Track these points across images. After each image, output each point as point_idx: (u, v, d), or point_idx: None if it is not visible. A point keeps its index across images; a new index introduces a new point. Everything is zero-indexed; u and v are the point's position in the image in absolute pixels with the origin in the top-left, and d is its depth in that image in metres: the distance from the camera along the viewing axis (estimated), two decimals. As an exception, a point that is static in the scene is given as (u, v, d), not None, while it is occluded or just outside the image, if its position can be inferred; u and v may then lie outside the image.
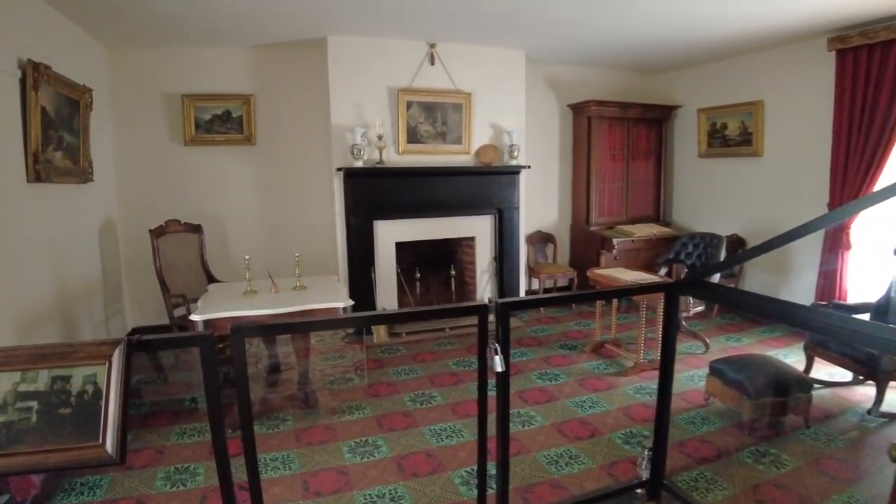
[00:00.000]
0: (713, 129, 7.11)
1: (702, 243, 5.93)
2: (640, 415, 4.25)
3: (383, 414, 4.26)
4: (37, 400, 1.76)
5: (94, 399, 1.77)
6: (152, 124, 5.74)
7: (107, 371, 1.80)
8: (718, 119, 7.02)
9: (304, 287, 4.24)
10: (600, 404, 4.44)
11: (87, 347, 1.81)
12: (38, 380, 1.78)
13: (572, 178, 7.61)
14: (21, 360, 1.79)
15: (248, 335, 2.04)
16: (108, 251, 5.34)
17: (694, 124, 7.34)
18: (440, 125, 6.04)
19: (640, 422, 4.14)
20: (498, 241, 6.50)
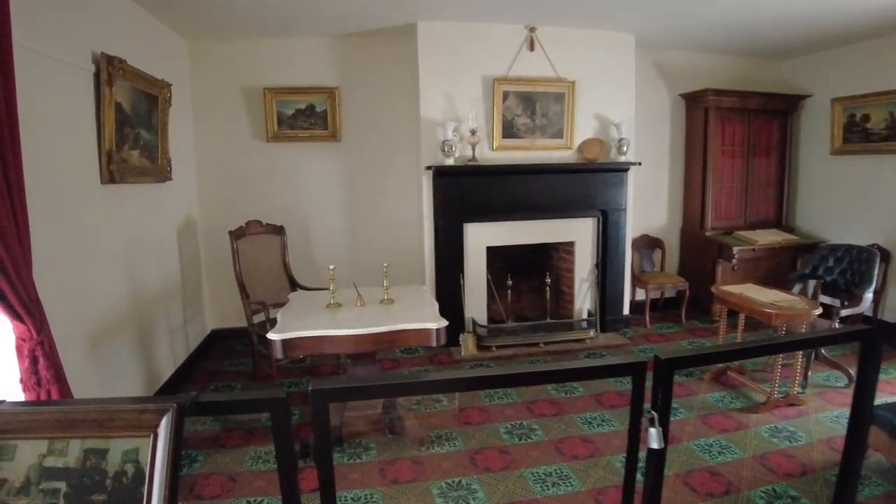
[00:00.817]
0: (851, 122, 6.11)
1: (846, 257, 5.01)
2: (782, 466, 3.52)
3: (477, 448, 3.73)
4: (65, 480, 1.36)
5: (133, 484, 1.34)
6: (234, 120, 5.47)
7: (151, 446, 1.35)
8: (858, 110, 6.02)
9: (392, 300, 3.77)
10: (730, 450, 3.73)
11: (128, 414, 1.38)
12: (69, 452, 1.37)
13: (684, 177, 6.80)
14: (48, 425, 1.38)
15: (330, 398, 1.57)
16: (187, 252, 5.10)
17: (826, 116, 6.36)
18: (539, 118, 5.44)
19: (784, 476, 3.42)
20: (601, 246, 5.82)
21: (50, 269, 2.86)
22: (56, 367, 2.46)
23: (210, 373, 5.02)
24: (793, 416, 4.19)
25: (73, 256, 3.16)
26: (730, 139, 6.44)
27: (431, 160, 5.21)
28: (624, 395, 4.50)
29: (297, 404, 4.34)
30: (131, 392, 3.86)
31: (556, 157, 5.57)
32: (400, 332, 3.28)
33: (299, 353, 3.24)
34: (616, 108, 5.70)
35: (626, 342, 5.75)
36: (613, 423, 4.06)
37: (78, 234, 3.21)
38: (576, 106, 5.51)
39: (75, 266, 3.17)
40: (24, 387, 2.38)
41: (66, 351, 2.88)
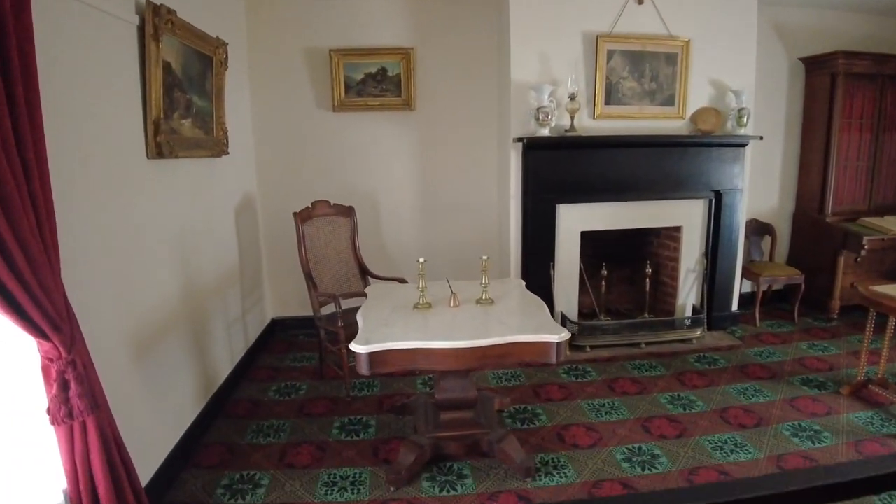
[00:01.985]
0: None
1: None
2: None
3: (594, 480, 3.08)
4: None
5: None
6: (296, 86, 4.86)
7: None
8: None
9: (492, 300, 3.11)
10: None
11: None
12: None
13: (800, 154, 5.90)
14: None
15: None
16: (246, 235, 4.54)
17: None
18: (648, 82, 4.65)
19: None
20: (712, 232, 5.03)
21: (85, 265, 2.30)
22: (92, 392, 1.89)
23: (272, 370, 4.48)
24: (967, 447, 3.40)
25: (115, 248, 2.58)
26: (858, 111, 5.51)
27: (521, 131, 4.51)
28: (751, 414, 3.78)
29: (371, 413, 3.76)
30: (184, 402, 3.31)
31: (666, 128, 4.78)
32: (512, 346, 2.63)
33: (389, 368, 2.61)
34: (734, 72, 4.86)
35: (737, 343, 4.98)
36: (739, 443, 3.34)
37: (120, 220, 2.62)
38: (690, 69, 4.70)
39: (118, 260, 2.59)
40: (52, 419, 1.81)
41: (108, 363, 2.35)
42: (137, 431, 2.63)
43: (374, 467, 3.16)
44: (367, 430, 3.55)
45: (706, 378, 4.34)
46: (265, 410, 3.83)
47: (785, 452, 3.34)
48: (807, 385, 4.23)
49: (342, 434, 3.51)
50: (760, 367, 4.54)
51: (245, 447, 3.37)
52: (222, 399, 3.84)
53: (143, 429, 2.74)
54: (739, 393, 4.09)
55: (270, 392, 4.09)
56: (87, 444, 1.95)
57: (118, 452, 2.11)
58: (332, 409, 3.83)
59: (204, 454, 3.30)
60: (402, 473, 2.94)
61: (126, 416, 2.41)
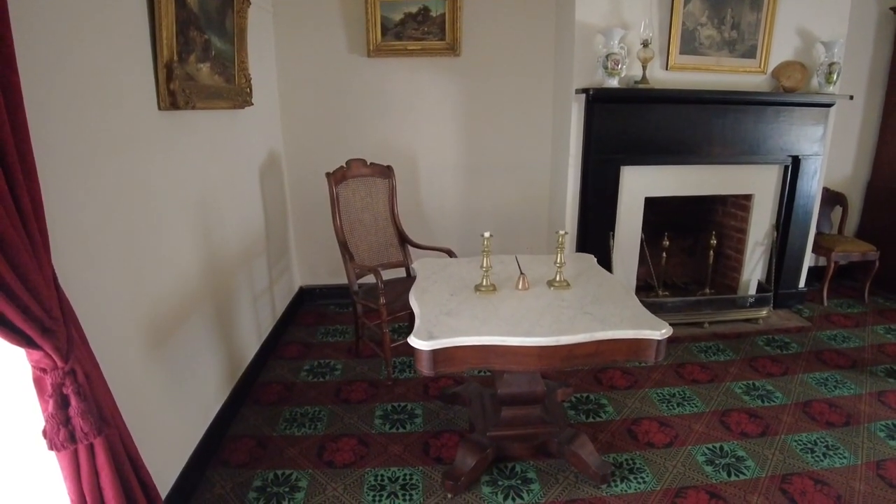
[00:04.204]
0: None
1: None
2: None
3: (677, 486, 2.69)
4: None
5: None
6: (327, 28, 4.31)
7: None
8: None
9: (567, 283, 2.66)
10: None
11: None
12: None
13: (882, 117, 5.31)
14: None
15: None
16: (272, 197, 4.08)
17: None
18: (728, 30, 4.08)
19: None
20: (786, 201, 4.51)
21: (85, 244, 1.85)
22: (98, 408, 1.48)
23: (302, 346, 4.09)
24: None
25: (123, 220, 2.10)
26: (953, 69, 4.90)
27: (585, 81, 3.97)
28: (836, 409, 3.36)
29: (416, 399, 3.37)
30: (209, 390, 2.92)
31: (745, 84, 4.22)
32: (605, 344, 2.18)
33: (456, 367, 2.17)
34: (825, 21, 4.26)
35: (806, 325, 4.54)
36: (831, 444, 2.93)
37: (128, 186, 2.13)
38: (776, 16, 4.10)
39: (126, 234, 2.12)
40: (49, 443, 1.40)
41: (118, 361, 1.95)
42: (157, 433, 2.25)
43: (425, 467, 2.78)
44: (413, 420, 3.16)
45: (780, 364, 3.92)
46: (298, 395, 3.44)
47: (885, 458, 2.93)
48: (893, 377, 3.80)
49: (386, 425, 3.12)
50: (837, 354, 4.10)
51: (277, 440, 2.99)
52: (250, 382, 3.46)
53: (163, 429, 2.35)
54: (819, 383, 3.68)
55: (302, 373, 3.70)
56: (95, 468, 1.55)
57: (134, 472, 1.72)
58: (372, 393, 3.44)
59: (232, 449, 2.92)
60: (462, 479, 2.55)
61: (143, 419, 2.03)
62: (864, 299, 5.16)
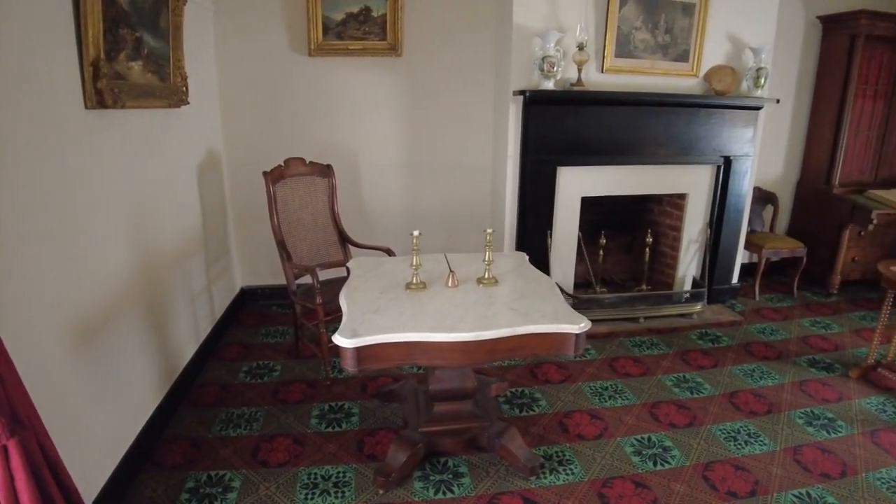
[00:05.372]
0: None
1: None
2: None
3: (604, 477, 2.77)
4: None
5: None
6: (267, 27, 4.27)
7: None
8: None
9: (495, 280, 2.72)
10: (933, 491, 2.75)
11: None
12: None
13: (809, 120, 5.56)
14: None
15: None
16: (210, 196, 4.03)
17: None
18: (662, 34, 4.21)
19: None
20: (719, 200, 4.69)
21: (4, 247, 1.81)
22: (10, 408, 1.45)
23: (242, 347, 4.05)
24: None
25: (46, 220, 2.05)
26: (874, 77, 5.16)
27: (523, 83, 4.04)
28: (774, 402, 3.52)
29: (354, 399, 3.38)
30: (143, 392, 2.87)
31: (678, 87, 4.37)
32: (526, 338, 2.25)
33: (380, 364, 2.20)
34: (754, 28, 4.44)
35: (738, 318, 4.73)
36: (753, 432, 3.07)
37: (51, 185, 2.08)
38: (707, 22, 4.26)
39: (50, 234, 2.07)
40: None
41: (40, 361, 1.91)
42: (84, 436, 2.22)
43: (359, 464, 2.80)
44: (349, 419, 3.18)
45: (711, 357, 4.07)
46: (235, 396, 3.41)
47: (801, 444, 3.10)
48: (814, 367, 4.00)
49: (322, 424, 3.13)
50: (765, 346, 4.29)
51: (213, 441, 2.97)
52: (187, 384, 3.41)
53: (91, 432, 2.31)
54: (747, 375, 3.84)
55: (241, 374, 3.67)
56: (10, 471, 1.52)
57: (54, 475, 1.69)
58: (309, 394, 3.44)
59: (166, 451, 2.88)
60: (393, 475, 2.58)
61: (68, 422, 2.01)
62: (793, 294, 5.39)
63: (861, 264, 5.34)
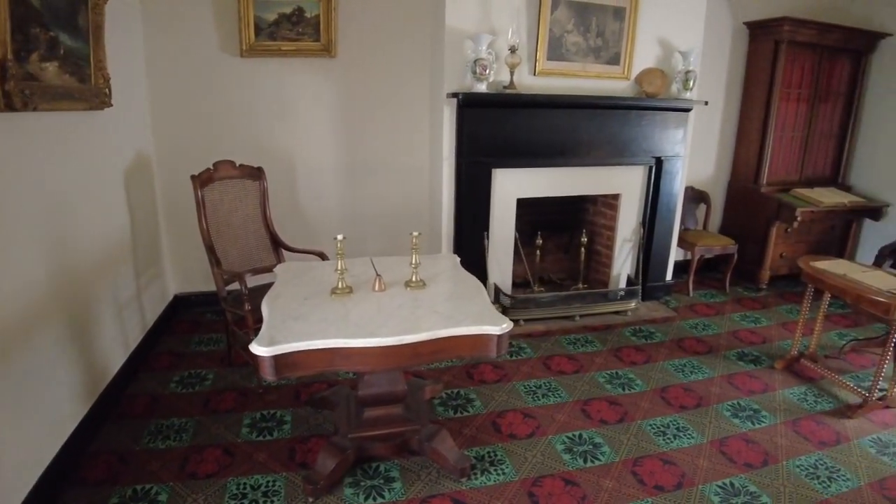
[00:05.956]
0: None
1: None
2: None
3: (534, 476, 2.81)
4: None
5: None
6: (198, 27, 4.16)
7: None
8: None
9: (423, 283, 2.72)
10: (841, 474, 2.94)
11: None
12: None
13: (738, 122, 5.77)
14: None
15: None
16: (139, 201, 3.90)
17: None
18: (594, 37, 4.29)
19: None
20: (650, 200, 4.81)
21: None
22: None
23: (175, 356, 3.93)
24: (892, 423, 3.46)
25: None
26: (797, 80, 5.40)
27: (456, 85, 4.06)
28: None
29: (286, 406, 3.34)
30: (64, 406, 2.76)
31: (610, 89, 4.47)
32: (447, 341, 2.26)
33: (300, 372, 2.19)
34: (682, 32, 4.58)
35: (671, 315, 4.87)
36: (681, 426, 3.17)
37: None
38: (638, 26, 4.37)
39: None
40: None
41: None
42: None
43: (289, 473, 2.76)
44: (281, 427, 3.13)
45: (644, 353, 4.18)
46: (165, 407, 3.31)
47: (727, 435, 3.21)
48: (742, 360, 4.15)
49: (253, 433, 3.07)
50: (697, 341, 4.43)
51: (140, 454, 2.87)
52: (115, 396, 3.30)
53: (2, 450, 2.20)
54: (678, 370, 3.96)
55: (172, 384, 3.56)
56: None
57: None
58: (241, 402, 3.37)
59: (91, 467, 2.77)
60: (322, 482, 2.56)
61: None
62: (726, 289, 5.59)
63: (788, 260, 5.57)
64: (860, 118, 5.86)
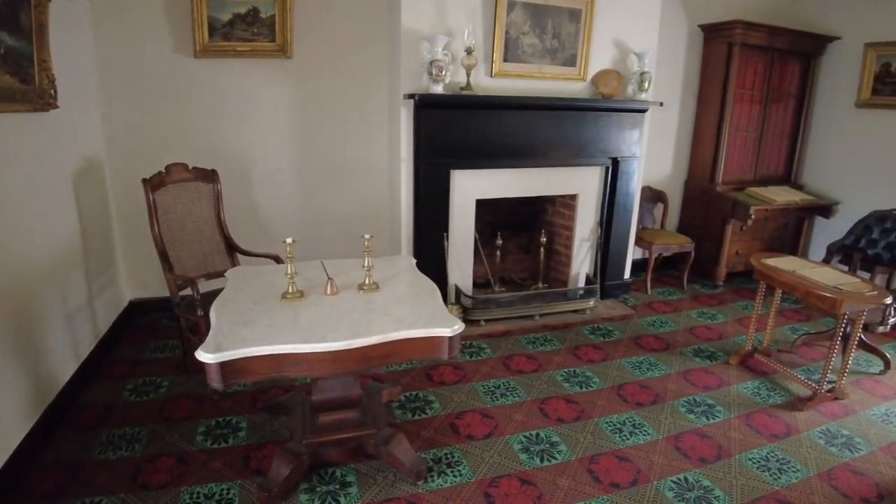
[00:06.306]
0: (885, 72, 5.34)
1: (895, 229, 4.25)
2: (854, 488, 2.84)
3: (491, 477, 2.83)
4: None
5: None
6: (150, 26, 4.06)
7: None
8: (895, 59, 5.22)
9: (377, 286, 2.72)
10: (791, 466, 3.02)
11: None
12: None
13: (694, 122, 5.88)
14: None
15: None
16: (90, 205, 3.81)
17: (856, 63, 5.55)
18: (550, 39, 4.33)
19: (859, 502, 2.73)
20: (607, 200, 4.88)
21: None
22: None
23: (129, 364, 3.84)
24: (840, 414, 3.55)
25: None
26: (749, 82, 5.53)
27: (413, 87, 4.06)
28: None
29: (243, 413, 3.29)
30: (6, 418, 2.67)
31: (566, 90, 4.51)
32: (398, 344, 2.26)
33: (248, 378, 2.16)
34: (638, 34, 4.66)
35: (629, 312, 4.94)
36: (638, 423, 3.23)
37: None
38: (593, 27, 4.42)
39: None
40: None
41: None
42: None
43: (244, 480, 2.73)
44: (237, 434, 3.09)
45: (601, 351, 4.24)
46: (118, 416, 3.22)
47: (683, 431, 3.28)
48: (699, 356, 4.24)
49: (208, 441, 3.02)
50: (654, 339, 4.50)
51: (91, 466, 2.80)
52: (65, 406, 3.21)
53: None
54: (635, 367, 4.02)
55: (125, 392, 3.48)
56: None
57: None
58: (197, 410, 3.31)
59: (39, 480, 2.69)
60: (276, 489, 2.53)
61: None
62: (683, 286, 5.70)
63: (743, 257, 5.70)
64: (811, 119, 6.04)
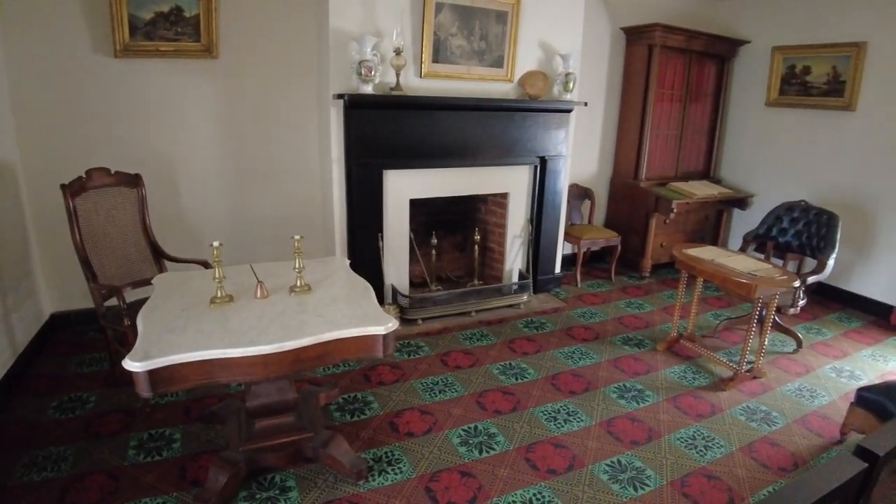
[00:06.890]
0: (791, 74, 5.72)
1: (803, 218, 4.56)
2: (773, 459, 3.09)
3: (431, 472, 2.88)
4: None
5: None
6: (66, 25, 3.87)
7: None
8: (800, 61, 5.63)
9: (308, 287, 2.72)
10: (716, 442, 3.22)
11: None
12: None
13: (618, 122, 6.12)
14: None
15: None
16: (2, 213, 3.61)
17: (765, 65, 5.93)
18: (477, 40, 4.41)
19: (778, 472, 2.97)
20: (537, 198, 5.02)
21: None
22: None
23: (53, 379, 3.65)
24: (758, 391, 3.82)
25: None
26: (669, 82, 5.81)
27: (342, 87, 4.05)
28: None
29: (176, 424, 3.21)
30: None
31: (494, 91, 4.61)
32: (331, 344, 2.28)
33: (179, 386, 2.12)
34: (563, 36, 4.81)
35: (561, 305, 5.11)
36: (571, 411, 3.36)
37: None
38: (519, 29, 4.53)
39: None
40: None
41: None
42: None
43: (180, 492, 2.66)
44: (170, 446, 3.01)
45: (535, 343, 4.36)
46: (42, 435, 3.05)
47: (614, 416, 3.43)
48: (628, 344, 4.42)
49: (140, 455, 2.92)
50: (585, 329, 4.67)
51: (13, 490, 2.64)
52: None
53: None
54: (567, 357, 4.16)
55: (50, 409, 3.30)
56: None
57: None
58: (127, 424, 3.19)
59: (-50, 508, 2.55)
60: (214, 499, 2.49)
61: None
62: (611, 279, 5.92)
63: (667, 249, 5.97)
64: (726, 117, 6.40)
